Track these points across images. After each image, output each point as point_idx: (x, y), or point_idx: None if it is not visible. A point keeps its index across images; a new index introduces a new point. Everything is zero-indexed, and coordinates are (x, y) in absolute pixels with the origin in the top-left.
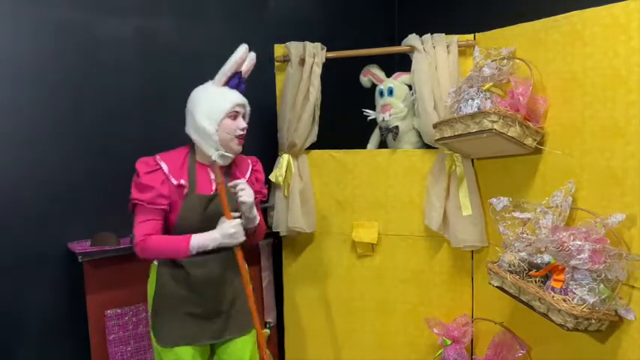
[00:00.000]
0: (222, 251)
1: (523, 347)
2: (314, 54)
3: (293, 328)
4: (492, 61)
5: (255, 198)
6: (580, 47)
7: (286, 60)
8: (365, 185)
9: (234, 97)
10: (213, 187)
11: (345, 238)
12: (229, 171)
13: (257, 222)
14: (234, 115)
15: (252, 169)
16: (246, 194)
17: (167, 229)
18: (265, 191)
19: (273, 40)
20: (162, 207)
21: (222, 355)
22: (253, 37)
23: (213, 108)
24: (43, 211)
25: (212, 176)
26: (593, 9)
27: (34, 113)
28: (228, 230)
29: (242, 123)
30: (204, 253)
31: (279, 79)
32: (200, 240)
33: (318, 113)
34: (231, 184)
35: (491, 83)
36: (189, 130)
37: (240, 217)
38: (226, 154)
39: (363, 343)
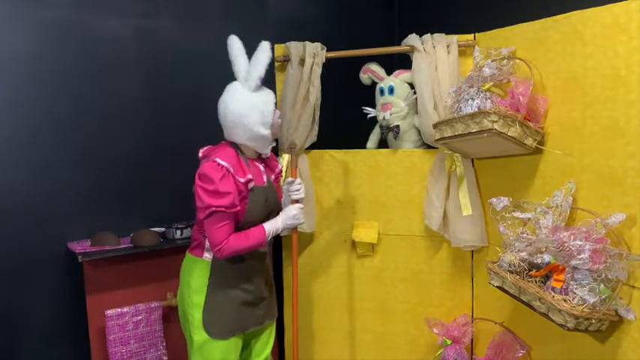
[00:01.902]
0: None
1: (523, 347)
2: (314, 54)
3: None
4: (492, 61)
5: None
6: (580, 47)
7: (286, 60)
8: (365, 185)
9: (271, 93)
10: (265, 179)
11: (345, 238)
12: (265, 164)
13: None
14: (275, 109)
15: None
16: (301, 192)
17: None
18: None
19: (273, 40)
20: (238, 209)
21: (251, 342)
22: (253, 37)
23: (265, 114)
24: (43, 211)
25: (261, 169)
26: (593, 9)
27: (34, 113)
28: (292, 212)
29: (277, 111)
30: None
31: (279, 79)
32: (272, 227)
33: (318, 113)
34: (288, 181)
35: (491, 83)
36: (241, 139)
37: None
38: (273, 144)
39: (363, 343)
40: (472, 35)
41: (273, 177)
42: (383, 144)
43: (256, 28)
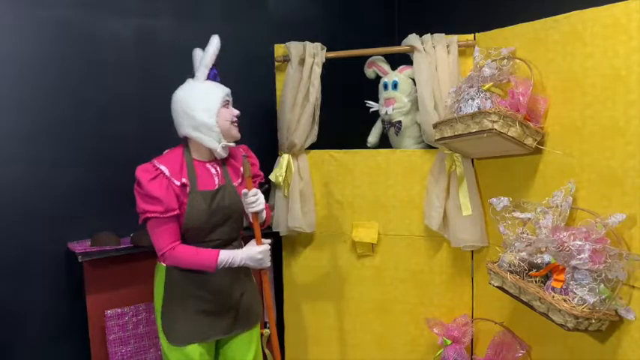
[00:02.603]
0: (229, 245)
1: (523, 347)
2: (314, 54)
3: (293, 328)
4: (492, 61)
5: (255, 181)
6: (580, 47)
7: (286, 60)
8: (365, 185)
9: (223, 87)
10: (216, 183)
11: (345, 238)
12: (226, 162)
13: (264, 216)
14: (226, 104)
15: (245, 157)
16: (257, 204)
17: None
18: (262, 174)
19: (273, 40)
20: (176, 213)
21: (226, 351)
22: (253, 37)
23: (209, 101)
24: (43, 211)
25: (213, 172)
26: (593, 9)
27: (34, 113)
28: (256, 255)
29: (234, 110)
30: None
31: (279, 79)
32: (227, 258)
33: (318, 113)
34: (243, 192)
35: (491, 83)
36: (186, 130)
37: (270, 243)
38: (229, 143)
39: (363, 343)
40: (472, 35)
41: (238, 181)
42: (384, 138)
43: (256, 28)
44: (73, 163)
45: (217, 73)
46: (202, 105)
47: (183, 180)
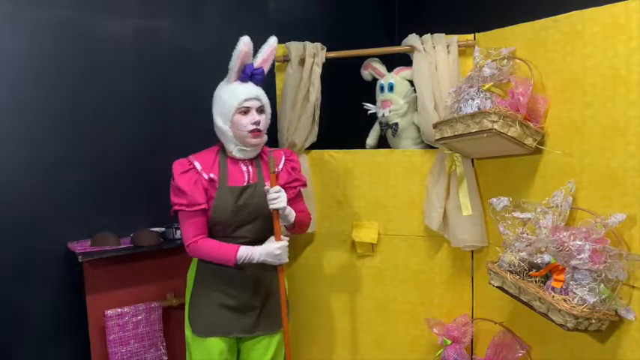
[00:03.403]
0: (259, 244)
1: (523, 347)
2: (314, 54)
3: (293, 328)
4: (492, 61)
5: (295, 188)
6: (580, 47)
7: (286, 60)
8: (365, 185)
9: (242, 93)
10: (246, 179)
11: (345, 238)
12: (259, 164)
13: (293, 219)
14: (244, 111)
15: (285, 160)
16: (278, 201)
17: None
18: (304, 179)
19: None
20: (202, 207)
21: (247, 352)
22: (253, 37)
23: (224, 106)
24: (43, 211)
25: (244, 169)
26: (593, 9)
27: (33, 113)
28: (274, 251)
29: (254, 117)
30: None
31: (279, 79)
32: (246, 254)
33: (318, 113)
34: (265, 189)
35: (491, 83)
36: (215, 128)
37: (289, 239)
38: (244, 148)
39: (363, 343)
40: (472, 35)
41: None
42: (382, 140)
43: (256, 28)
44: (72, 163)
45: (255, 75)
46: (219, 108)
47: (212, 175)
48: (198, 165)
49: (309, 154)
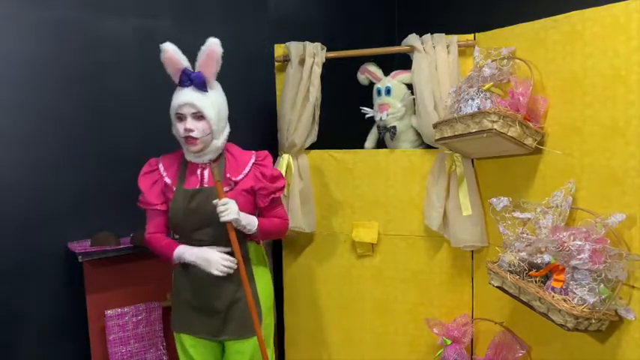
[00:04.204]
0: (221, 246)
1: (523, 347)
2: (314, 54)
3: (293, 328)
4: (492, 61)
5: (267, 196)
6: (580, 47)
7: (286, 60)
8: (365, 185)
9: (177, 99)
10: (199, 183)
11: (345, 238)
12: (222, 168)
13: (254, 228)
14: (179, 117)
15: (254, 164)
16: (227, 214)
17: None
18: (279, 184)
19: (273, 40)
20: (156, 207)
21: (228, 356)
22: (253, 37)
23: (171, 109)
24: (43, 211)
25: (199, 173)
26: (593, 9)
27: (34, 113)
28: (208, 257)
29: (187, 124)
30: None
31: (279, 79)
32: (181, 252)
33: (318, 113)
34: (214, 202)
35: (491, 83)
36: None
37: (230, 257)
38: (189, 152)
39: (363, 343)
40: (472, 35)
41: (230, 186)
42: (381, 144)
43: (256, 28)
44: (73, 163)
45: (192, 79)
46: (171, 112)
47: (167, 179)
48: (161, 167)
49: (309, 154)
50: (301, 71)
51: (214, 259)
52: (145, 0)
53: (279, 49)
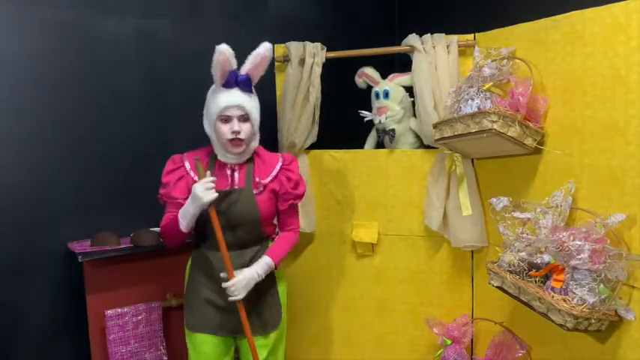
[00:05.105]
0: (246, 248)
1: (523, 347)
2: (314, 54)
3: (293, 328)
4: (492, 61)
5: (287, 200)
6: (580, 47)
7: (286, 60)
8: (365, 185)
9: (223, 100)
10: (228, 184)
11: (345, 238)
12: (252, 170)
13: (272, 268)
14: (224, 119)
15: (281, 168)
16: (236, 294)
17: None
18: (299, 192)
19: (273, 40)
20: (176, 201)
21: (244, 352)
22: (253, 37)
23: (209, 112)
24: (43, 211)
25: (228, 173)
26: (593, 9)
27: (34, 113)
28: (193, 193)
29: (234, 126)
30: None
31: (279, 79)
32: (182, 212)
33: (318, 113)
34: (223, 285)
35: (491, 83)
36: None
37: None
38: (227, 154)
39: (363, 343)
40: (472, 35)
41: (259, 189)
42: (380, 147)
43: (256, 28)
44: (73, 163)
45: (239, 81)
46: (206, 113)
47: (195, 177)
48: (187, 164)
49: (309, 154)
50: (301, 71)
51: (196, 191)
52: (145, 0)
53: (279, 49)
